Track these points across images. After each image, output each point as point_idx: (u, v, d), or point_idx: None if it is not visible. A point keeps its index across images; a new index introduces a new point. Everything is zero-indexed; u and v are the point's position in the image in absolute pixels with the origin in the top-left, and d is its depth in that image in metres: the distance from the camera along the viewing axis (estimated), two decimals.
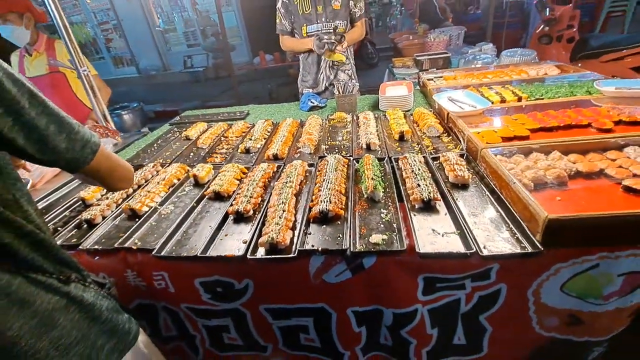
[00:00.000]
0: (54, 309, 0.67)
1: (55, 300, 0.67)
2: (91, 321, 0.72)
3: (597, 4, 5.96)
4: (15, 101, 0.58)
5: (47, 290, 0.67)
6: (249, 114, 2.31)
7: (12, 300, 0.61)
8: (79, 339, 0.69)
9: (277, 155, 1.53)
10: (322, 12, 2.23)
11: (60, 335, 0.66)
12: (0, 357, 0.60)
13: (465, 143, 1.32)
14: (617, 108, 1.39)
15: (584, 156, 1.10)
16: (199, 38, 10.73)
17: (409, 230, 0.94)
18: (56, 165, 0.68)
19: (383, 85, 2.06)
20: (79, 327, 0.70)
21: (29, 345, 0.62)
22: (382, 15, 9.79)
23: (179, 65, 10.30)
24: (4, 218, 0.61)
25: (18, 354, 0.61)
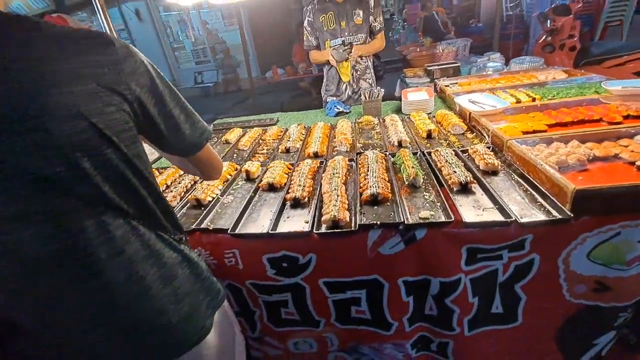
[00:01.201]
0: (174, 263, 0.81)
1: (174, 256, 0.82)
2: (196, 277, 0.86)
3: (596, 14, 6.21)
4: (163, 95, 0.75)
5: (170, 247, 0.81)
6: (278, 120, 2.49)
7: (151, 252, 0.76)
8: (189, 291, 0.83)
9: (317, 153, 1.69)
10: (345, 27, 2.44)
11: (178, 286, 0.80)
12: (138, 299, 0.74)
13: (490, 138, 1.48)
14: (624, 104, 1.54)
15: (600, 144, 1.25)
16: (209, 55, 11.14)
17: (452, 207, 1.09)
18: (176, 149, 0.84)
19: (404, 91, 2.23)
20: (189, 281, 0.84)
21: (157, 289, 0.76)
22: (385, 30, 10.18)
23: (189, 81, 10.65)
24: (150, 184, 0.77)
25: (150, 297, 0.75)
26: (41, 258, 0.64)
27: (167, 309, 0.77)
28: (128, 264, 0.71)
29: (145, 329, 0.75)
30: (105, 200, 0.68)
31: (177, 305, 0.79)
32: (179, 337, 0.80)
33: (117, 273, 0.70)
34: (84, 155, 0.62)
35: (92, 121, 0.61)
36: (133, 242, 0.73)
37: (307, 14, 2.49)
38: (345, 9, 2.41)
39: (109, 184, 0.67)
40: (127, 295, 0.72)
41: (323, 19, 2.45)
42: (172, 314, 0.77)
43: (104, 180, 0.66)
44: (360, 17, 2.44)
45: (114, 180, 0.68)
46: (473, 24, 7.61)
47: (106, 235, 0.68)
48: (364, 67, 2.58)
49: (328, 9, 2.42)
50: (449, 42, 4.28)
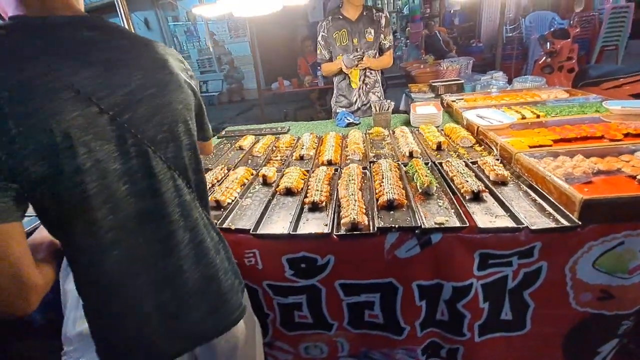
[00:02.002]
0: (217, 240, 0.92)
1: (216, 236, 0.92)
2: (229, 259, 0.96)
3: (592, 38, 6.45)
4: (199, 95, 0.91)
5: (212, 228, 0.92)
6: (289, 129, 2.56)
7: (205, 223, 0.88)
8: (228, 268, 0.92)
9: (331, 161, 1.75)
10: (358, 44, 2.54)
11: (221, 260, 0.91)
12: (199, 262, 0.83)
13: (498, 150, 1.55)
14: (624, 123, 1.63)
15: (603, 159, 1.32)
16: (214, 65, 11.34)
17: (466, 213, 1.14)
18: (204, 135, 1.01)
19: (413, 105, 2.32)
20: (227, 260, 0.93)
21: (212, 256, 0.87)
22: None
23: None
24: (201, 169, 0.90)
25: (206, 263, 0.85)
26: (131, 216, 0.72)
27: (218, 277, 0.87)
28: (193, 227, 0.82)
29: (203, 291, 0.84)
30: (182, 165, 0.81)
31: (225, 276, 0.89)
32: (226, 309, 0.88)
33: (184, 234, 0.80)
34: (179, 122, 0.80)
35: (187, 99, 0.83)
36: (195, 209, 0.84)
37: (321, 29, 2.61)
38: (359, 27, 2.52)
39: (185, 151, 0.82)
40: (190, 258, 0.81)
41: (337, 35, 2.56)
42: (222, 282, 0.87)
43: (185, 146, 0.82)
44: (372, 35, 2.55)
45: (189, 148, 0.83)
46: (474, 43, 7.84)
47: (180, 198, 0.79)
48: (373, 81, 2.68)
49: (342, 27, 2.53)
50: (452, 60, 4.41)
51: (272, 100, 7.99)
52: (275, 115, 6.83)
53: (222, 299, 0.87)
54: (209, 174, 1.73)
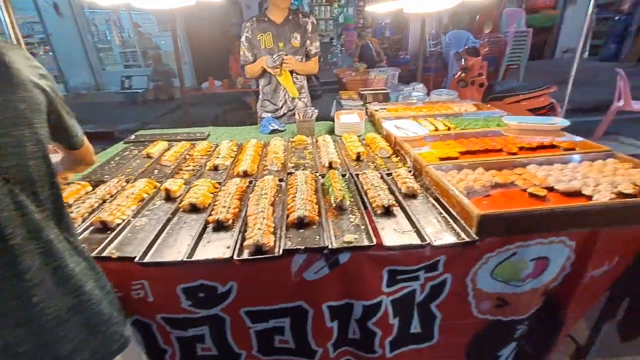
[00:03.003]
0: (85, 267, 0.82)
1: (83, 261, 0.82)
2: (102, 287, 0.86)
3: (499, 57, 7.28)
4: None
5: (77, 252, 0.81)
6: (209, 135, 2.37)
7: (64, 247, 0.77)
8: (102, 298, 0.83)
9: (247, 172, 1.63)
10: (283, 48, 2.46)
11: (96, 287, 0.82)
12: (55, 291, 0.73)
13: (412, 162, 1.58)
14: (519, 137, 1.79)
15: (500, 171, 1.41)
16: (139, 59, 10.37)
17: (375, 230, 1.11)
18: (70, 142, 0.92)
19: (337, 113, 2.31)
20: (99, 288, 0.84)
21: (75, 284, 0.77)
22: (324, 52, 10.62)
23: (114, 86, 9.74)
24: (56, 182, 0.79)
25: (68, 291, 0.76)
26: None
27: (87, 307, 0.78)
28: (46, 251, 0.72)
29: (69, 321, 0.75)
30: (27, 177, 0.70)
31: (97, 307, 0.80)
32: (101, 340, 0.80)
33: (33, 259, 0.70)
34: (22, 126, 0.69)
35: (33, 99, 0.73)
36: (48, 229, 0.74)
37: (245, 30, 2.47)
38: (284, 31, 2.44)
39: (32, 160, 0.71)
40: (46, 286, 0.71)
41: (261, 38, 2.44)
42: (93, 312, 0.79)
43: (30, 154, 0.70)
44: (298, 40, 2.49)
45: (37, 157, 0.72)
46: (402, 55, 8.34)
47: (24, 217, 0.69)
48: (299, 86, 2.62)
49: (267, 29, 2.43)
50: (380, 69, 4.59)
51: (202, 100, 7.54)
52: (205, 117, 6.44)
53: (94, 330, 0.79)
54: (100, 188, 1.48)
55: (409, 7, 1.71)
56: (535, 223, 1.06)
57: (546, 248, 1.14)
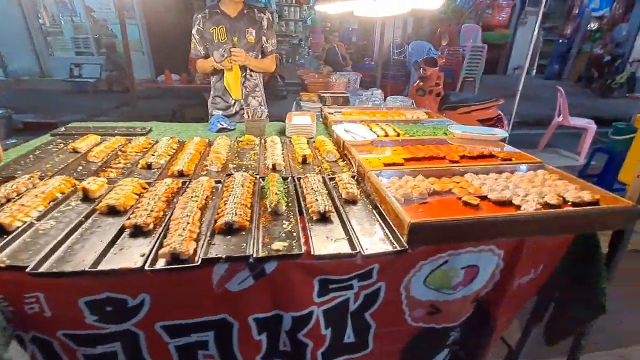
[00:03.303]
0: None
1: None
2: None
3: (456, 69, 7.64)
4: None
5: None
6: (151, 130, 2.21)
7: None
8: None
9: (182, 172, 1.51)
10: (238, 43, 2.35)
11: None
12: None
13: (356, 167, 1.56)
14: (462, 146, 1.84)
15: (439, 179, 1.42)
16: (92, 47, 9.65)
17: (307, 237, 1.06)
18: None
19: (290, 114, 2.25)
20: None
21: None
22: (292, 54, 10.55)
23: (63, 73, 8.98)
24: None
25: None
26: None
27: None
28: None
29: None
30: None
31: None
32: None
33: None
34: None
35: None
36: None
37: (197, 22, 2.34)
38: (239, 25, 2.34)
39: None
40: None
41: (214, 31, 2.33)
42: None
43: None
44: (253, 36, 2.40)
45: None
46: (367, 61, 8.47)
47: None
48: (254, 84, 2.53)
49: (220, 22, 2.31)
50: (342, 73, 4.60)
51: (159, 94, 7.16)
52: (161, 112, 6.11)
53: None
54: (5, 185, 1.30)
55: (359, 10, 1.69)
56: (465, 232, 1.07)
57: (476, 256, 1.16)
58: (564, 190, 1.32)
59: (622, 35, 9.90)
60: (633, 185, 1.23)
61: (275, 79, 8.23)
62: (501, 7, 10.12)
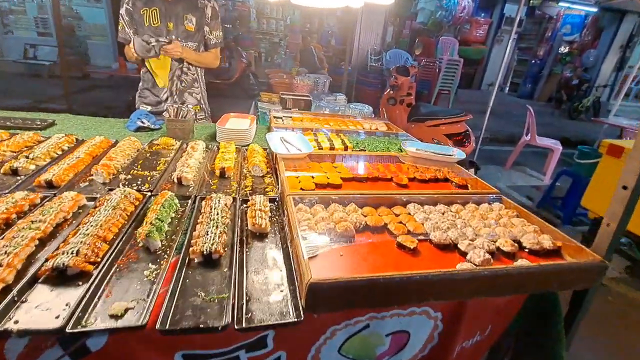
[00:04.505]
0: None
1: None
2: None
3: (432, 82, 7.58)
4: None
5: None
6: (54, 124, 1.83)
7: None
8: None
9: (52, 182, 1.16)
10: (174, 30, 2.02)
11: None
12: None
13: (281, 187, 1.27)
14: (414, 166, 1.59)
15: (376, 209, 1.16)
16: (51, 27, 8.91)
17: (163, 295, 0.75)
18: None
19: (226, 116, 1.93)
20: None
21: None
22: (271, 52, 10.19)
23: (17, 54, 8.23)
24: None
25: None
26: None
27: None
28: None
29: None
30: None
31: None
32: None
33: None
34: None
35: None
36: None
37: (126, 1, 1.98)
38: (175, 9, 2.00)
39: None
40: None
41: (145, 13, 1.97)
42: None
43: None
44: (193, 23, 2.06)
45: None
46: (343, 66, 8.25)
47: None
48: (192, 79, 2.19)
49: (153, 3, 1.96)
50: (311, 75, 4.34)
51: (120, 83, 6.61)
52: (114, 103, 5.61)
53: None
54: None
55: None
56: (386, 295, 0.79)
57: (406, 320, 0.89)
58: (521, 232, 1.08)
59: (590, 61, 10.27)
60: (600, 235, 1.00)
61: (247, 76, 7.88)
62: (479, 24, 10.23)
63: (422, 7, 9.72)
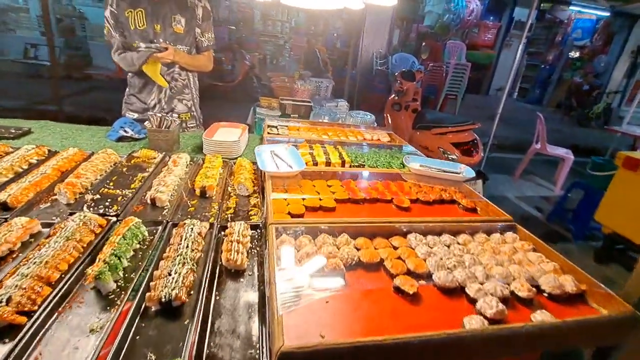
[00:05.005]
0: None
1: None
2: None
3: (439, 86, 7.42)
4: None
5: None
6: (30, 132, 1.71)
7: None
8: None
9: (6, 204, 1.04)
10: (161, 32, 1.89)
11: None
12: None
13: (265, 211, 1.13)
14: (417, 185, 1.44)
15: (371, 241, 1.01)
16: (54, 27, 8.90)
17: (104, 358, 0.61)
18: None
19: (215, 125, 1.80)
20: None
21: None
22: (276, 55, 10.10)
23: (17, 53, 8.23)
24: None
25: None
26: None
27: None
28: None
29: None
30: None
31: None
32: None
33: None
34: None
35: None
36: None
37: (109, 2, 1.86)
38: (162, 10, 1.87)
39: None
40: None
41: (130, 15, 1.85)
42: None
43: None
44: (182, 25, 1.94)
45: None
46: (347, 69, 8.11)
47: None
48: (182, 85, 2.06)
49: (137, 4, 1.84)
50: (313, 79, 4.21)
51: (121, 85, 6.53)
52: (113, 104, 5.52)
53: None
54: None
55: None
56: None
57: None
58: (539, 271, 0.93)
59: (601, 67, 10.02)
60: (636, 276, 0.85)
61: (251, 79, 7.79)
62: (487, 28, 10.05)
63: (430, 10, 9.58)
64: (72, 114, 5.50)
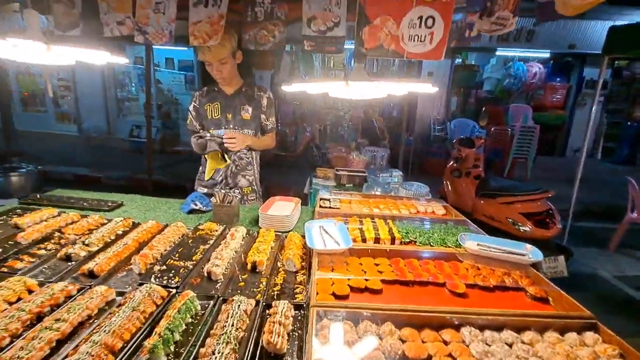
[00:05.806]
0: None
1: None
2: None
3: (505, 150, 7.08)
4: None
5: None
6: (122, 205, 2.03)
7: None
8: None
9: (94, 272, 1.21)
10: (231, 120, 2.23)
11: None
12: None
13: (310, 290, 1.13)
14: (475, 266, 1.33)
15: (419, 332, 0.94)
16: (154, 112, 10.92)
17: None
18: None
19: (271, 200, 1.94)
20: None
21: None
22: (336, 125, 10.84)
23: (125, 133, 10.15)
24: None
25: None
26: None
27: None
28: None
29: None
30: None
31: None
32: None
33: None
34: None
35: None
36: None
37: (193, 99, 2.32)
38: (234, 102, 2.24)
39: None
40: None
41: (208, 107, 2.25)
42: None
43: None
44: (249, 113, 2.26)
45: None
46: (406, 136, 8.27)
47: None
48: (246, 162, 2.31)
49: (215, 99, 2.24)
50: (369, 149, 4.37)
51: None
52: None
53: None
54: None
55: (334, 92, 1.44)
56: None
57: None
58: None
59: None
60: None
61: (311, 148, 8.34)
62: (554, 89, 9.62)
63: (489, 77, 9.62)
64: (161, 181, 6.43)
